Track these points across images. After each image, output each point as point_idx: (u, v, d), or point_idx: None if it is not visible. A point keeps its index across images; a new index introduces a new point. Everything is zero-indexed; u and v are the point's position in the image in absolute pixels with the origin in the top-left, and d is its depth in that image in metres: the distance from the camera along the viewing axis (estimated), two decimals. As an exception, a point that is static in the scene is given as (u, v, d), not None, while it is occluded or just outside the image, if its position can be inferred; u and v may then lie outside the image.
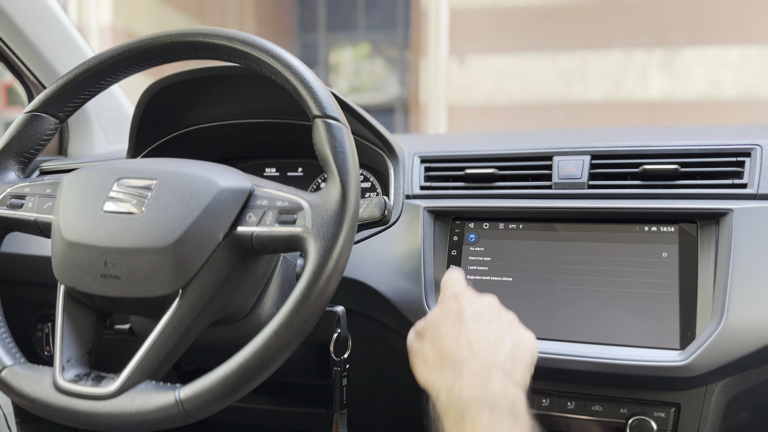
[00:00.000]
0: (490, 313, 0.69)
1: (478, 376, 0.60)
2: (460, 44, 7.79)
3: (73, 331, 0.68)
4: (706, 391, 0.79)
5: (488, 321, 0.67)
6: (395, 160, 0.98)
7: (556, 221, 0.88)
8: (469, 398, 0.59)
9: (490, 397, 0.58)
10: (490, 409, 0.57)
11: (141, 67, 0.78)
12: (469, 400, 0.58)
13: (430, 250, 0.90)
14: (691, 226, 0.82)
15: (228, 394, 0.59)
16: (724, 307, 0.75)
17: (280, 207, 0.66)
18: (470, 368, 0.62)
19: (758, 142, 0.86)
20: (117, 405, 0.61)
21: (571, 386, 0.84)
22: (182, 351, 0.67)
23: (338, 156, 0.65)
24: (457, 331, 0.66)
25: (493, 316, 0.68)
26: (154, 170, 0.70)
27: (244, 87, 0.99)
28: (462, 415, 0.58)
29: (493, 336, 0.65)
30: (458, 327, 0.66)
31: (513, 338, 0.66)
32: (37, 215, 0.74)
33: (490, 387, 0.59)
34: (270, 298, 0.79)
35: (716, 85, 7.14)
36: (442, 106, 7.98)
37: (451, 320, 0.67)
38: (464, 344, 0.64)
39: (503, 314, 0.70)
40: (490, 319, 0.67)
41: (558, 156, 0.92)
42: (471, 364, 0.62)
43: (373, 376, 1.04)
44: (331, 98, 0.69)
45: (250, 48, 0.70)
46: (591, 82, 7.45)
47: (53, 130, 0.81)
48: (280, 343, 0.60)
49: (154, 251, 0.64)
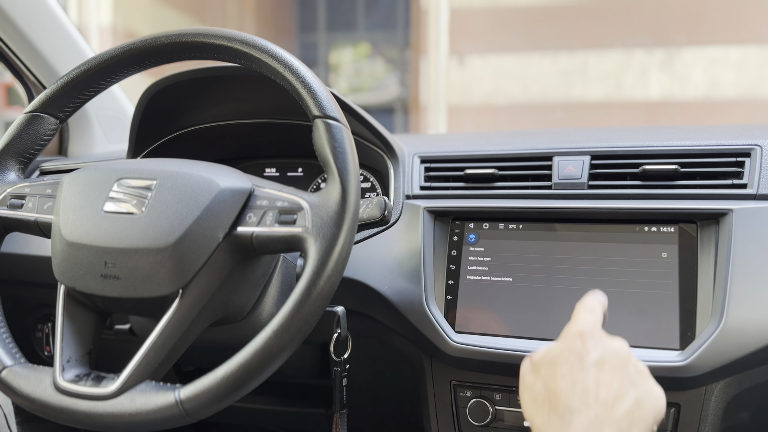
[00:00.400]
0: (616, 360, 0.62)
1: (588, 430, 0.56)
2: (460, 44, 7.79)
3: (73, 332, 0.68)
4: (706, 391, 0.79)
5: (612, 371, 0.61)
6: (395, 161, 0.98)
7: (556, 221, 0.88)
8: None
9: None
10: None
11: (141, 68, 0.78)
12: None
13: (430, 250, 0.90)
14: (690, 226, 0.82)
15: (228, 394, 0.59)
16: (723, 308, 0.75)
17: (280, 207, 0.66)
18: (581, 420, 0.57)
19: (758, 143, 0.86)
20: (117, 405, 0.61)
21: (571, 386, 0.84)
22: (182, 351, 0.67)
23: (338, 156, 0.65)
24: (575, 375, 0.60)
25: (619, 366, 0.61)
26: (154, 170, 0.70)
27: (244, 87, 0.99)
28: None
29: (614, 388, 0.59)
30: (577, 371, 0.61)
31: (637, 394, 0.60)
32: (38, 215, 0.74)
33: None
34: (270, 298, 0.79)
35: (716, 85, 7.15)
36: (442, 106, 7.99)
37: (571, 361, 0.61)
38: (580, 392, 0.59)
39: (632, 364, 0.62)
40: (614, 369, 0.61)
41: (558, 156, 0.92)
42: (583, 416, 0.57)
43: (373, 377, 1.04)
44: (331, 98, 0.69)
45: (250, 48, 0.70)
46: (591, 82, 7.46)
47: (53, 131, 0.81)
48: (280, 344, 0.60)
49: (154, 251, 0.64)
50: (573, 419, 0.57)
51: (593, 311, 0.67)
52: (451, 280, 0.89)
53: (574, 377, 0.60)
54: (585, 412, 0.57)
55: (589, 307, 0.67)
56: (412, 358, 0.93)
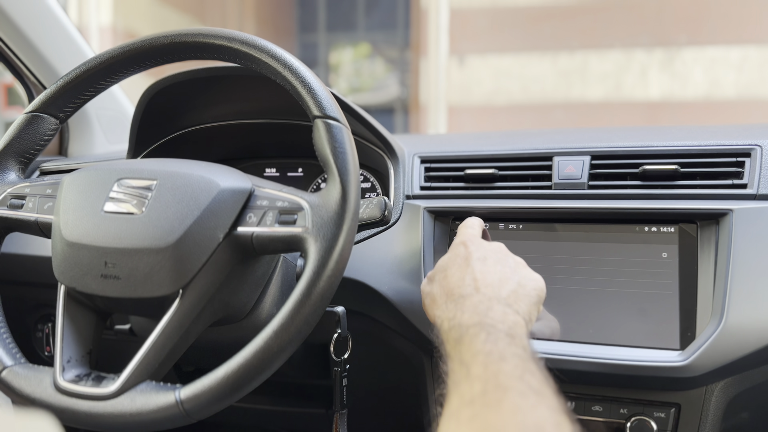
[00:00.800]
0: (497, 256, 0.72)
1: (479, 306, 0.63)
2: (460, 44, 7.79)
3: (73, 332, 0.68)
4: (706, 391, 0.79)
5: (494, 262, 0.70)
6: (395, 161, 0.99)
7: (556, 221, 0.88)
8: (468, 323, 0.61)
9: (487, 322, 0.60)
10: (487, 331, 0.58)
11: (141, 68, 0.78)
12: (468, 325, 0.60)
13: (430, 250, 0.90)
14: (691, 226, 0.82)
15: (228, 394, 0.59)
16: (724, 308, 0.75)
17: (280, 207, 0.66)
18: (472, 300, 0.64)
19: (758, 143, 0.86)
20: (117, 405, 0.61)
21: (571, 386, 0.84)
22: (182, 351, 0.67)
23: (338, 156, 0.65)
24: (463, 271, 0.70)
25: (500, 259, 0.72)
26: (155, 170, 0.70)
27: (244, 87, 0.99)
28: (460, 338, 0.59)
29: (498, 275, 0.69)
30: (464, 267, 0.70)
31: (518, 278, 0.69)
32: (38, 215, 0.74)
33: (489, 314, 0.61)
34: (270, 298, 0.79)
35: (716, 86, 7.15)
36: (442, 106, 7.98)
37: (458, 263, 0.71)
38: (469, 281, 0.68)
39: (510, 257, 0.73)
40: (496, 262, 0.71)
41: (558, 156, 0.92)
42: (474, 298, 0.65)
43: (373, 377, 1.04)
44: (331, 98, 0.69)
45: (251, 48, 0.70)
46: (591, 82, 7.45)
47: (53, 131, 0.81)
48: (281, 344, 0.60)
49: (155, 251, 0.64)
50: (465, 302, 0.65)
51: (472, 226, 0.80)
52: (451, 280, 0.89)
53: (462, 273, 0.70)
54: (475, 295, 0.66)
55: (469, 224, 0.80)
56: (412, 358, 0.93)
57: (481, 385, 0.51)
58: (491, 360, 0.54)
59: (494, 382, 0.51)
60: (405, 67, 9.71)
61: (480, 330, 0.59)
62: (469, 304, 0.64)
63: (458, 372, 0.55)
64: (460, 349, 0.58)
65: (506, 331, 0.59)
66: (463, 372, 0.54)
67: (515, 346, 0.57)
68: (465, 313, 0.63)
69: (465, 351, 0.57)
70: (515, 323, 0.61)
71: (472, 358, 0.55)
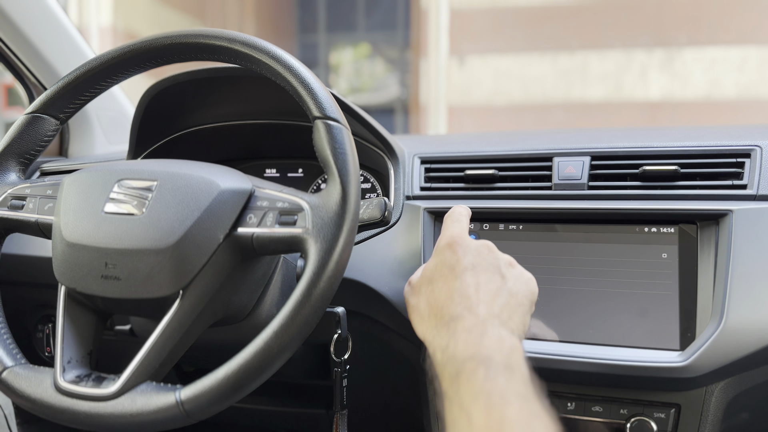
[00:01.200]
0: (486, 261, 0.68)
1: (473, 332, 0.60)
2: (461, 45, 7.79)
3: (73, 332, 0.68)
4: (706, 391, 0.79)
5: (484, 270, 0.66)
6: (395, 161, 0.99)
7: (556, 222, 0.88)
8: (463, 356, 0.58)
9: (484, 353, 0.57)
10: (485, 366, 0.56)
11: (142, 68, 0.78)
12: (463, 358, 0.57)
13: (431, 250, 0.90)
14: (690, 227, 0.82)
15: (228, 394, 0.59)
16: (723, 308, 0.75)
17: (280, 208, 0.66)
18: (465, 324, 0.61)
19: (758, 143, 0.86)
20: (118, 406, 0.61)
21: (571, 387, 0.84)
22: (183, 352, 0.67)
23: (338, 157, 0.65)
24: (451, 285, 0.65)
25: (489, 265, 0.67)
26: (155, 171, 0.70)
27: (244, 88, 0.99)
28: (457, 374, 0.57)
29: (489, 286, 0.65)
30: (452, 280, 0.66)
31: (509, 286, 0.66)
32: (38, 216, 0.74)
33: (485, 342, 0.58)
34: (270, 299, 0.79)
35: (716, 86, 7.15)
36: (442, 106, 7.99)
37: (445, 274, 0.67)
38: (458, 299, 0.64)
39: (500, 260, 0.69)
40: (485, 269, 0.67)
41: (558, 157, 0.92)
42: (466, 320, 0.61)
43: (373, 377, 1.04)
44: (331, 99, 0.69)
45: (251, 49, 0.70)
46: (591, 83, 7.45)
47: (54, 132, 0.81)
48: (281, 344, 0.60)
49: (155, 252, 0.64)
50: (457, 325, 0.61)
51: (458, 220, 0.74)
52: (451, 281, 0.89)
53: (450, 287, 0.65)
54: (468, 317, 0.61)
55: (455, 216, 0.75)
56: (412, 358, 0.93)
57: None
58: (493, 404, 0.52)
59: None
60: (405, 67, 9.71)
61: (477, 365, 0.56)
62: (461, 328, 0.61)
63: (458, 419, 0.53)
64: (457, 388, 0.56)
65: (504, 363, 0.56)
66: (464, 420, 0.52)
67: (516, 382, 0.55)
68: (459, 342, 0.60)
69: (464, 392, 0.55)
70: (512, 349, 0.58)
71: (473, 402, 0.53)
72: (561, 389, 0.85)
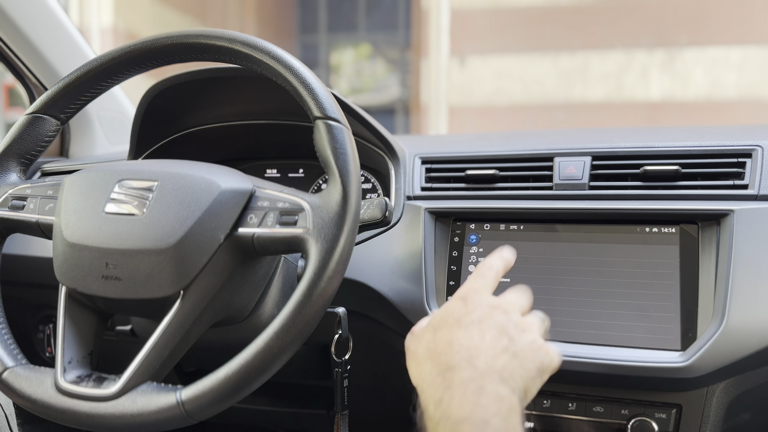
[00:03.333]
0: (495, 319, 0.62)
1: (469, 387, 0.55)
2: (461, 45, 7.79)
3: (74, 333, 0.68)
4: (708, 392, 0.79)
5: (490, 328, 0.61)
6: (396, 161, 0.99)
7: (557, 222, 0.88)
8: (457, 417, 0.54)
9: (480, 416, 0.53)
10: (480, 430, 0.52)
11: (142, 69, 0.78)
12: (457, 420, 0.54)
13: (431, 251, 0.90)
14: (692, 227, 0.82)
15: (229, 395, 0.59)
16: (725, 308, 0.75)
17: (281, 208, 0.66)
18: (461, 376, 0.56)
19: (759, 143, 0.86)
20: (118, 406, 0.61)
21: (572, 387, 0.84)
22: (183, 352, 0.67)
23: (339, 157, 0.65)
24: (453, 334, 0.61)
25: (499, 323, 0.61)
26: (156, 172, 0.70)
27: (245, 88, 0.99)
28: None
29: (491, 343, 0.59)
30: (455, 330, 0.61)
31: (515, 348, 0.60)
32: (39, 217, 0.74)
33: (481, 402, 0.54)
34: (271, 299, 0.79)
35: (717, 86, 7.14)
36: (443, 106, 7.98)
37: (450, 323, 0.62)
38: (458, 349, 0.59)
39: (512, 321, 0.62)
40: (493, 326, 0.61)
41: (559, 157, 0.92)
42: (463, 372, 0.57)
43: (374, 378, 1.04)
44: (332, 99, 0.69)
45: (251, 50, 0.70)
46: (592, 83, 7.45)
47: (55, 132, 0.81)
48: (282, 345, 0.60)
49: (156, 252, 0.64)
50: (454, 376, 0.57)
51: (483, 276, 0.67)
52: (452, 281, 0.89)
53: (452, 336, 0.60)
54: (465, 368, 0.57)
55: (482, 271, 0.68)
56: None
57: None
58: None
59: None
60: (406, 67, 9.71)
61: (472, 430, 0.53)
62: (458, 381, 0.56)
63: None
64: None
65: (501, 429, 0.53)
66: None
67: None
68: (454, 398, 0.55)
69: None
70: (510, 411, 0.55)
71: None
72: (562, 389, 0.84)
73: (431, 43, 7.99)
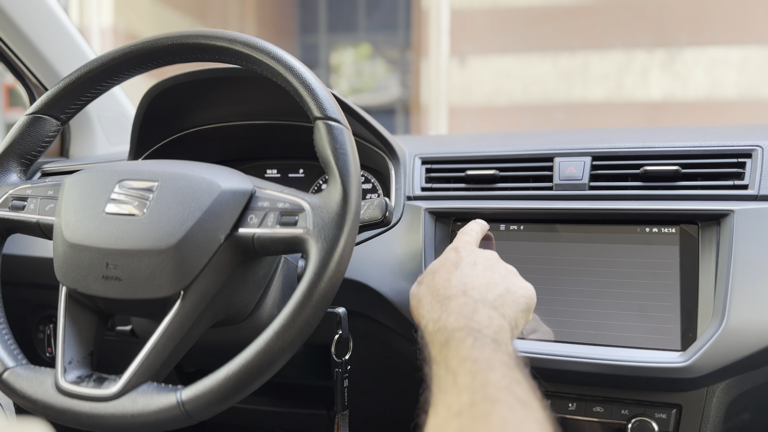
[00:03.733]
0: (488, 262, 0.71)
1: (464, 309, 0.63)
2: (461, 45, 7.79)
3: (74, 333, 0.68)
4: (708, 392, 0.79)
5: (484, 268, 0.70)
6: (396, 162, 0.99)
7: (557, 222, 0.88)
8: (453, 327, 0.60)
9: (473, 326, 0.59)
10: (473, 337, 0.58)
11: (143, 69, 0.78)
12: (453, 328, 0.60)
13: (431, 251, 0.90)
14: (692, 227, 0.82)
15: (229, 395, 0.59)
16: (725, 309, 0.75)
17: (281, 208, 0.66)
18: (458, 302, 0.64)
19: (759, 143, 0.86)
20: (119, 406, 0.61)
21: (572, 387, 0.84)
22: (184, 352, 0.67)
23: (339, 157, 0.65)
24: (450, 273, 0.69)
25: (491, 265, 0.71)
26: (156, 172, 0.70)
27: (245, 89, 0.99)
28: (446, 342, 0.59)
29: (486, 280, 0.68)
30: (452, 270, 0.70)
31: (507, 284, 0.69)
32: (39, 217, 0.74)
33: (475, 318, 0.61)
34: (271, 299, 0.79)
35: (717, 86, 7.14)
36: (443, 107, 7.98)
37: (447, 266, 0.71)
38: (455, 283, 0.67)
39: (502, 265, 0.72)
40: (486, 267, 0.70)
41: (559, 157, 0.92)
42: (459, 299, 0.64)
43: (374, 378, 1.04)
44: (332, 100, 0.69)
45: (251, 50, 0.70)
46: (592, 83, 7.45)
47: (55, 132, 0.81)
48: (282, 345, 0.60)
49: (156, 253, 0.64)
50: (450, 303, 0.64)
51: (469, 233, 0.79)
52: (452, 281, 0.89)
53: (450, 275, 0.69)
54: (461, 297, 0.65)
55: (467, 230, 0.80)
56: (413, 358, 0.93)
57: (468, 396, 0.51)
58: (479, 368, 0.54)
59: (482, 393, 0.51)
60: (406, 67, 9.71)
61: (466, 335, 0.58)
62: (454, 305, 0.64)
63: (444, 379, 0.55)
64: (446, 354, 0.58)
65: (492, 337, 0.58)
66: (449, 380, 0.54)
67: (501, 353, 0.56)
68: (450, 315, 0.62)
69: (451, 357, 0.57)
70: (501, 327, 0.61)
71: (459, 365, 0.55)
72: (562, 390, 0.84)
73: (431, 43, 7.98)
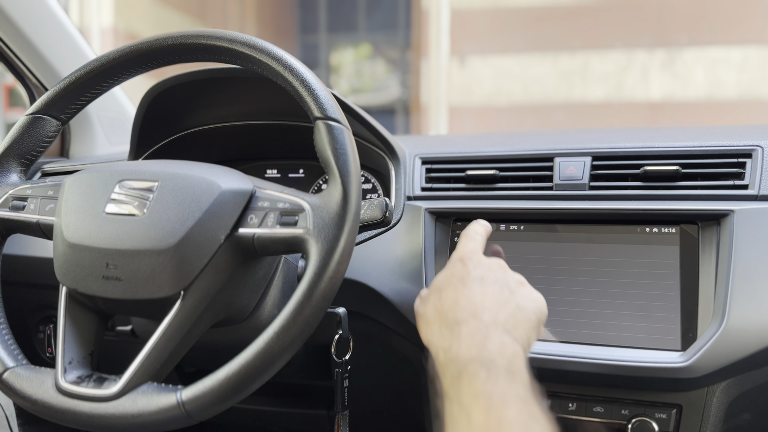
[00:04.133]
0: (495, 275, 0.68)
1: (476, 336, 0.60)
2: (461, 45, 7.79)
3: (75, 333, 0.68)
4: (708, 392, 0.79)
5: (492, 282, 0.67)
6: (396, 162, 0.99)
7: (558, 222, 0.88)
8: (466, 358, 0.58)
9: (486, 356, 0.57)
10: (487, 369, 0.56)
11: (143, 69, 0.78)
12: (466, 360, 0.58)
13: (432, 251, 0.90)
14: (692, 227, 0.82)
15: (230, 395, 0.59)
16: (725, 309, 0.75)
17: (281, 208, 0.66)
18: (468, 328, 0.61)
19: (759, 143, 0.86)
20: (119, 407, 0.61)
21: (572, 387, 0.84)
22: (184, 353, 0.67)
23: (339, 157, 0.65)
24: (458, 293, 0.66)
25: (499, 279, 0.68)
26: (156, 172, 0.70)
27: (245, 89, 0.99)
28: (459, 375, 0.57)
29: (496, 298, 0.65)
30: (460, 289, 0.66)
31: (517, 300, 0.66)
32: (39, 217, 0.74)
33: (488, 346, 0.59)
34: (271, 299, 0.79)
35: (717, 86, 7.14)
36: (443, 107, 7.98)
37: (454, 283, 0.68)
38: (464, 305, 0.64)
39: (510, 276, 0.69)
40: (494, 281, 0.67)
41: (559, 157, 0.92)
42: (470, 324, 0.62)
43: (374, 378, 1.04)
44: (332, 100, 0.69)
45: (252, 50, 0.70)
46: (592, 83, 7.45)
47: (55, 132, 0.81)
48: (282, 345, 0.60)
49: (156, 253, 0.64)
50: (461, 329, 0.61)
51: (473, 238, 0.75)
52: (452, 281, 0.89)
53: (457, 294, 0.66)
54: (472, 321, 0.62)
55: (471, 235, 0.76)
56: (413, 359, 0.93)
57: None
58: (493, 405, 0.52)
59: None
60: (406, 68, 9.71)
61: (479, 367, 0.56)
62: (465, 332, 0.61)
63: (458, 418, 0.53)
64: (458, 388, 0.56)
65: (506, 367, 0.57)
66: (463, 418, 0.53)
67: (516, 385, 0.55)
68: (462, 344, 0.60)
69: (464, 392, 0.55)
70: (515, 354, 0.59)
71: (473, 402, 0.54)
72: (562, 390, 0.84)
73: (431, 43, 7.98)
